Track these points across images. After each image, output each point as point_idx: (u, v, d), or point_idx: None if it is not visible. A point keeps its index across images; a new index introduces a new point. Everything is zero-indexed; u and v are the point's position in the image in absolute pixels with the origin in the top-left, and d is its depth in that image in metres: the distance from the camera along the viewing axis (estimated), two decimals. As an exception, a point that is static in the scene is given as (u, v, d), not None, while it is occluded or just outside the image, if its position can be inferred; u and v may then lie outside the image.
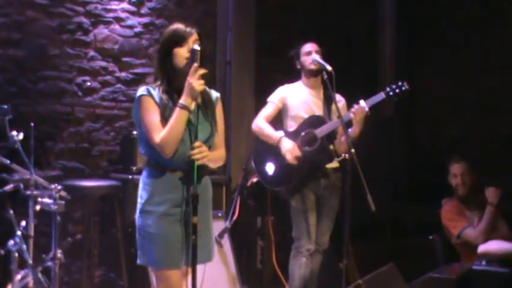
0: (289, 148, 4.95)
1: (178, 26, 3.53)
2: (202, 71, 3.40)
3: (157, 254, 3.44)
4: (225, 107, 3.79)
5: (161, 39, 3.57)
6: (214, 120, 3.59)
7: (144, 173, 3.54)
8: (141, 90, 3.46)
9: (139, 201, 3.50)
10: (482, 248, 5.06)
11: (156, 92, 3.44)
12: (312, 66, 5.05)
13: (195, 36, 3.50)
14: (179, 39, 3.47)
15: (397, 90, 4.92)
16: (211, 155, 3.48)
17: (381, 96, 4.92)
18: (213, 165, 3.60)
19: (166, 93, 3.45)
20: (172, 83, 3.49)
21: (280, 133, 5.05)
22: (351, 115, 4.85)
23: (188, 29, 3.50)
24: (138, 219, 3.49)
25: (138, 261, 3.54)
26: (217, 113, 3.64)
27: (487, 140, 6.75)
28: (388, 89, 4.94)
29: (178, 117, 3.38)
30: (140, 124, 3.46)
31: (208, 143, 3.50)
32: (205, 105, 3.54)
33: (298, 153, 4.94)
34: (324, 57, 4.95)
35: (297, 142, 4.98)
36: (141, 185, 3.54)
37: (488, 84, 6.85)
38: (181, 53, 3.46)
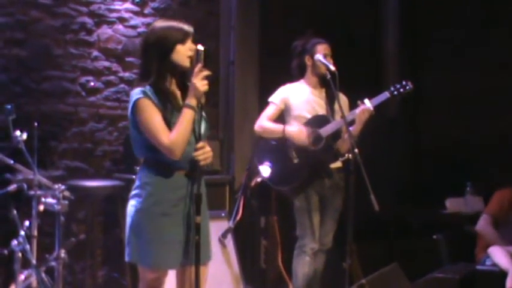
0: (296, 131, 4.95)
1: (177, 22, 3.48)
2: (206, 73, 3.39)
3: (151, 255, 3.41)
4: (228, 107, 3.79)
5: (160, 35, 3.45)
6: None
7: (144, 172, 3.49)
8: (137, 93, 3.39)
9: (137, 199, 3.45)
10: (490, 252, 5.07)
11: (152, 94, 3.39)
12: (325, 72, 4.94)
13: (192, 36, 3.49)
14: (182, 36, 3.44)
15: (402, 90, 4.92)
16: None
17: (385, 95, 4.92)
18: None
19: (163, 95, 3.41)
20: (169, 80, 3.47)
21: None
22: (356, 113, 4.85)
23: (189, 28, 3.48)
24: (133, 217, 3.45)
25: (127, 258, 3.51)
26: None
27: (492, 140, 6.74)
28: (392, 88, 4.94)
29: (186, 117, 3.36)
30: (138, 127, 3.40)
31: (204, 140, 3.48)
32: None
33: (306, 132, 4.93)
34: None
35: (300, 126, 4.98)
36: (138, 184, 3.49)
37: (494, 84, 6.84)
38: (183, 51, 3.43)
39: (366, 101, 4.85)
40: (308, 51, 5.09)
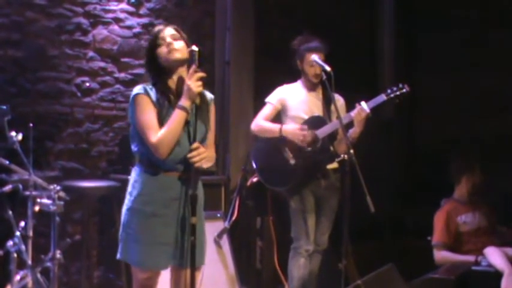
0: (293, 130, 4.96)
1: (155, 28, 3.59)
2: (201, 74, 3.39)
3: (140, 254, 3.44)
4: (223, 108, 3.80)
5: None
6: (208, 120, 3.58)
7: (136, 171, 3.52)
8: (138, 88, 3.46)
9: (129, 197, 3.48)
10: (486, 252, 5.07)
11: (153, 92, 3.44)
12: (314, 80, 5.02)
13: (167, 30, 3.52)
14: (155, 40, 3.50)
15: (398, 92, 4.92)
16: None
17: (381, 98, 4.93)
18: (205, 165, 3.59)
19: (162, 93, 3.44)
20: (165, 82, 3.49)
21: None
22: (352, 115, 4.86)
23: (158, 28, 3.55)
24: (125, 216, 3.48)
25: (119, 256, 3.55)
26: (210, 113, 3.63)
27: (486, 141, 6.75)
28: (389, 90, 4.94)
29: (176, 118, 3.37)
30: (135, 122, 3.45)
31: (204, 143, 3.50)
32: (201, 105, 3.53)
33: (303, 131, 4.93)
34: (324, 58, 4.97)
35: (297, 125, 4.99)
36: (131, 182, 3.52)
37: (488, 85, 6.85)
38: (161, 52, 3.48)
39: (363, 103, 4.85)
40: (299, 56, 5.09)
